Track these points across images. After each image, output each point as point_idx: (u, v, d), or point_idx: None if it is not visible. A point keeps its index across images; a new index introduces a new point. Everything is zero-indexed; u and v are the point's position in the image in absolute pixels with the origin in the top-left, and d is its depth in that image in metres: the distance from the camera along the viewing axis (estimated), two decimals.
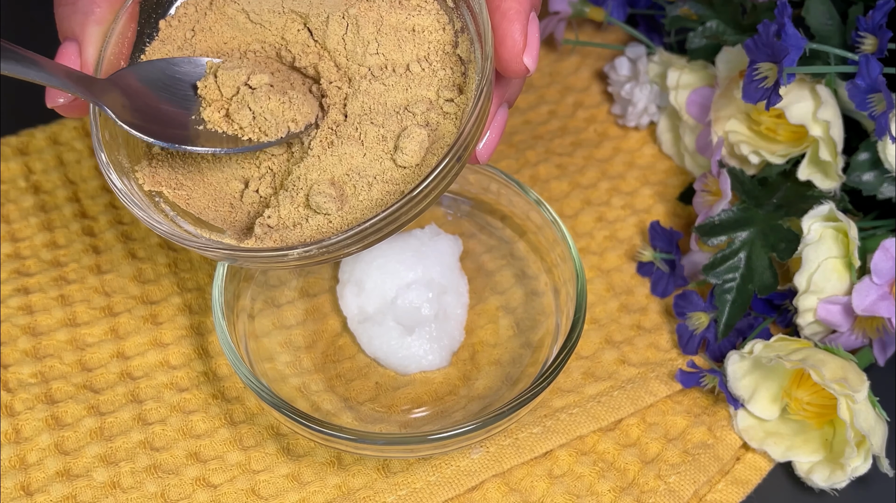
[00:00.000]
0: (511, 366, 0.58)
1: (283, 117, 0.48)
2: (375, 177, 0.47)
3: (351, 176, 0.47)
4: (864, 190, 0.58)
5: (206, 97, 0.49)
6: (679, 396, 0.58)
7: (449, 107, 0.48)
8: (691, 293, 0.59)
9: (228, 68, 0.48)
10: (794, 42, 0.54)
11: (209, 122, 0.48)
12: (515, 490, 0.54)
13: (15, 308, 0.59)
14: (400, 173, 0.47)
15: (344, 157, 0.47)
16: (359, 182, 0.47)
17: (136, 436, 0.55)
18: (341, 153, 0.48)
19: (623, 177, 0.67)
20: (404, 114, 0.48)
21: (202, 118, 0.48)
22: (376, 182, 0.47)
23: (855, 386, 0.52)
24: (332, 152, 0.48)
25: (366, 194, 0.47)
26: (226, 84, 0.48)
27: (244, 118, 0.48)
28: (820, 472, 0.54)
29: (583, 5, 0.69)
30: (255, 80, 0.48)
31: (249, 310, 0.57)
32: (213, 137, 0.48)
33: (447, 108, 0.48)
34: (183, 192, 0.49)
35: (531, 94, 0.71)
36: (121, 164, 0.49)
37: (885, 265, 0.54)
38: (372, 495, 0.53)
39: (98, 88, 0.47)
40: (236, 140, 0.48)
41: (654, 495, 0.54)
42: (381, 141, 0.47)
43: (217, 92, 0.48)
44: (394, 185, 0.47)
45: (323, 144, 0.48)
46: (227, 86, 0.48)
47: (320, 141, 0.48)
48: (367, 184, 0.47)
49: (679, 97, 0.65)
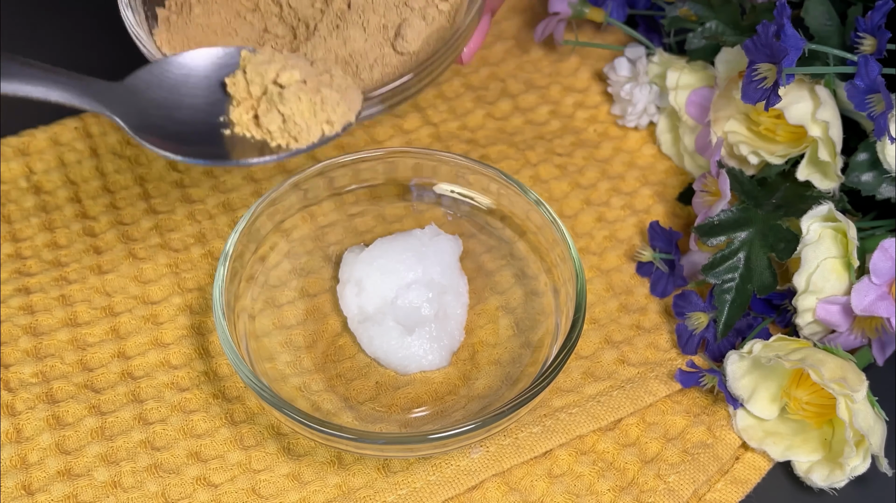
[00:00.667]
0: (511, 366, 0.58)
1: (316, 119, 0.45)
2: (376, 60, 0.50)
3: (354, 57, 0.49)
4: (863, 190, 0.58)
5: (235, 96, 0.46)
6: (678, 396, 0.58)
7: (444, 5, 0.51)
8: (691, 293, 0.59)
9: (257, 63, 0.46)
10: (794, 43, 0.54)
11: (238, 124, 0.46)
12: (515, 489, 0.54)
13: (16, 308, 0.59)
14: (398, 59, 0.50)
15: (348, 41, 0.50)
16: (361, 63, 0.49)
17: (136, 436, 0.55)
18: (346, 36, 0.50)
19: (623, 177, 0.67)
20: (403, 7, 0.51)
21: (231, 119, 0.46)
22: (377, 65, 0.50)
23: (854, 385, 0.53)
24: (336, 35, 0.49)
25: (367, 74, 0.49)
26: (254, 81, 0.45)
27: (273, 122, 0.45)
28: (819, 472, 0.54)
29: (582, 6, 0.70)
30: (284, 78, 0.45)
31: (250, 310, 0.58)
32: (242, 143, 0.45)
33: (442, 6, 0.51)
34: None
35: (532, 94, 0.71)
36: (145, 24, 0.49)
37: (883, 265, 0.54)
38: (372, 494, 0.54)
39: (110, 97, 0.44)
40: (265, 146, 0.45)
41: (654, 495, 0.54)
42: (383, 29, 0.50)
43: (246, 90, 0.46)
44: (393, 69, 0.50)
45: (329, 27, 0.50)
46: (255, 83, 0.45)
47: (326, 24, 0.50)
48: (369, 65, 0.50)
49: (678, 97, 0.65)
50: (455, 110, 0.70)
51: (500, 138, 0.68)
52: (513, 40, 0.74)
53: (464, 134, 0.68)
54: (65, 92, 0.43)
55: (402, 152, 0.61)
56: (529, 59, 0.73)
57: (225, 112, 0.46)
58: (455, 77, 0.71)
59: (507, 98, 0.71)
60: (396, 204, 0.63)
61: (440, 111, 0.70)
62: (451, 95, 0.71)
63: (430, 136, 0.68)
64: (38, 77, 0.43)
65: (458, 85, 0.71)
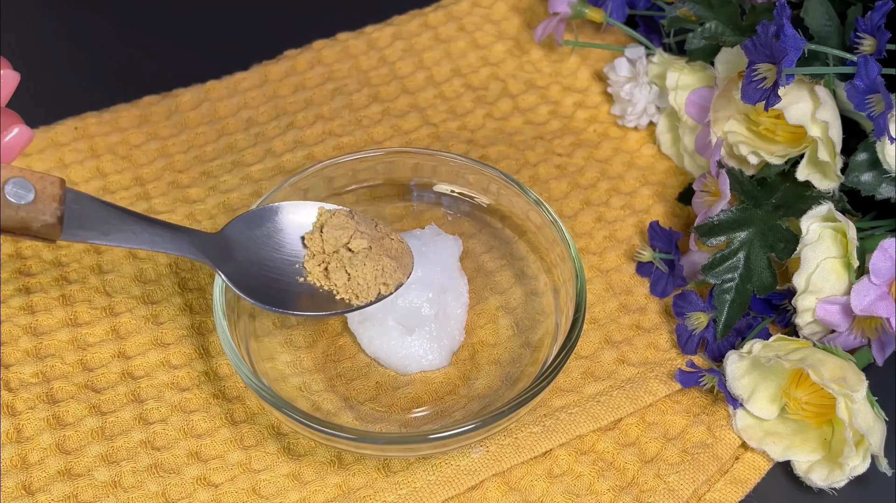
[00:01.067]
0: (511, 366, 0.58)
1: (375, 282, 0.54)
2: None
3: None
4: (863, 190, 0.58)
5: (310, 248, 0.55)
6: (678, 396, 0.58)
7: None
8: (690, 293, 0.59)
9: (332, 226, 0.55)
10: (793, 43, 0.54)
11: (310, 273, 0.54)
12: (515, 489, 0.54)
13: (16, 308, 0.59)
14: None
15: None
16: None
17: (137, 436, 0.55)
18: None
19: (622, 177, 0.67)
20: None
21: (305, 268, 0.55)
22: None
23: (853, 385, 0.53)
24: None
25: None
26: (329, 241, 0.55)
27: (339, 279, 0.54)
28: (818, 472, 0.54)
29: (582, 6, 0.70)
30: (354, 245, 0.55)
31: (250, 310, 0.58)
32: (311, 291, 0.54)
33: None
34: None
35: (531, 94, 0.71)
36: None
37: (883, 265, 0.54)
38: (372, 494, 0.54)
39: (217, 253, 0.53)
40: (332, 297, 0.54)
41: (654, 494, 0.54)
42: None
43: (320, 246, 0.55)
44: None
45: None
46: (329, 243, 0.55)
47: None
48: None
49: (678, 98, 0.65)
50: (455, 110, 0.70)
51: (499, 138, 0.68)
52: (513, 40, 0.74)
53: (463, 134, 0.68)
54: (177, 246, 0.52)
55: (401, 152, 0.61)
56: (529, 59, 0.73)
57: (301, 261, 0.55)
58: (455, 77, 0.72)
59: (507, 98, 0.71)
60: (396, 204, 0.63)
61: (440, 111, 0.70)
62: (450, 95, 0.71)
63: (430, 136, 0.68)
64: (156, 235, 0.51)
65: (458, 85, 0.71)
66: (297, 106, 0.70)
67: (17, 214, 0.47)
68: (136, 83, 0.71)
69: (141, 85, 0.70)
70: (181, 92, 0.70)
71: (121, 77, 0.72)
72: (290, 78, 0.71)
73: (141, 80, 0.71)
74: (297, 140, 0.68)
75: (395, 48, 0.73)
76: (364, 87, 0.71)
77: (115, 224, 0.50)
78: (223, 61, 0.72)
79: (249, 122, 0.69)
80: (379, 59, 0.72)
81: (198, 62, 0.73)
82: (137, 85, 0.71)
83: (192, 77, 0.71)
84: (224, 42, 0.75)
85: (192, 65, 0.72)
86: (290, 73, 0.71)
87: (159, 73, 0.72)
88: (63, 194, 0.48)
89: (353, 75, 0.71)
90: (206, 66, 0.72)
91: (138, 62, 0.74)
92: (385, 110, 0.70)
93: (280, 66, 0.71)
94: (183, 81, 0.71)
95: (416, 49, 0.73)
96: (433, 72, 0.72)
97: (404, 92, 0.71)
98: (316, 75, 0.71)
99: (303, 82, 0.71)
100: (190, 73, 0.71)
